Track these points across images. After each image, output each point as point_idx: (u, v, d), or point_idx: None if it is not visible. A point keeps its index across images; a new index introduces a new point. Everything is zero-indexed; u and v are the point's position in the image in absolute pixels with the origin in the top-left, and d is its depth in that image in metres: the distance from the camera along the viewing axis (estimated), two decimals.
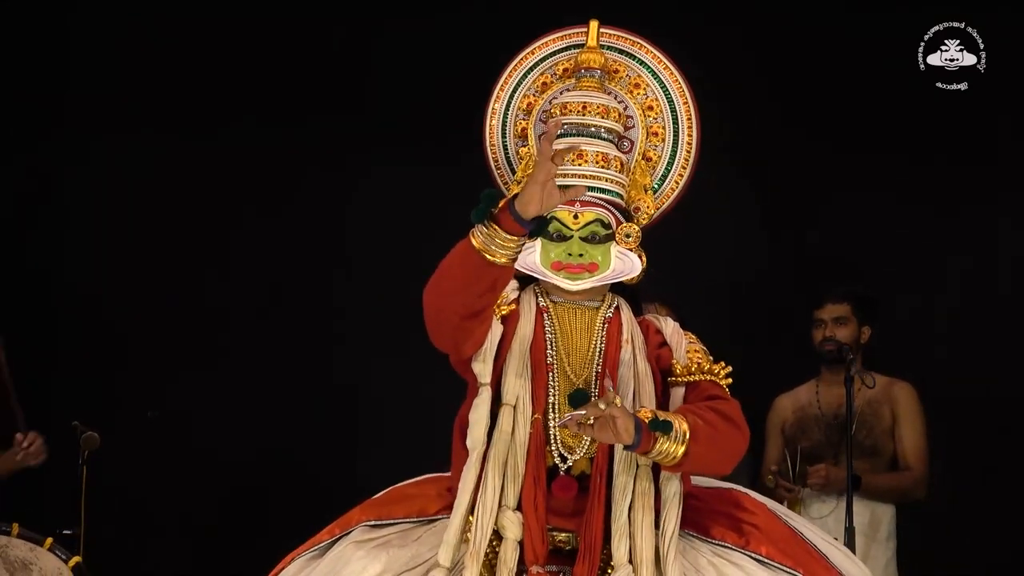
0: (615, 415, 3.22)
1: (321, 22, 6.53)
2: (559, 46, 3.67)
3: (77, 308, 6.46)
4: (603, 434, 3.24)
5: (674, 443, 3.30)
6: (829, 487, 5.69)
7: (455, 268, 3.27)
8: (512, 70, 3.67)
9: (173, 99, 6.49)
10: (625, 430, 3.22)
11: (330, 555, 3.43)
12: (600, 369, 3.48)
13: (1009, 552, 6.17)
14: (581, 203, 3.49)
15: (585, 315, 3.54)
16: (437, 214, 6.34)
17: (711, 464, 3.45)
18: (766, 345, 6.24)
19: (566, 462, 3.43)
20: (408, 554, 3.40)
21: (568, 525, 3.42)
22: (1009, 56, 6.32)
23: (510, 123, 3.66)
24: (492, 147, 3.68)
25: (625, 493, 3.38)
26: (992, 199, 6.47)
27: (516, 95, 3.66)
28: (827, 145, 6.45)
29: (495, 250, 3.23)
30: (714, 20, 6.43)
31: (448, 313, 3.32)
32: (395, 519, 3.46)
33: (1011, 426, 6.26)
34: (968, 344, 6.39)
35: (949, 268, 6.46)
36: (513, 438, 3.37)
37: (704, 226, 6.17)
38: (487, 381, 3.40)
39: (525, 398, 3.41)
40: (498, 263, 3.24)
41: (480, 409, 3.39)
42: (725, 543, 3.48)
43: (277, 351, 6.47)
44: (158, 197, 6.46)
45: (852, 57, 6.41)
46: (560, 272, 3.48)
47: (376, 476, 3.72)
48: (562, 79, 3.65)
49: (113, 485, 5.84)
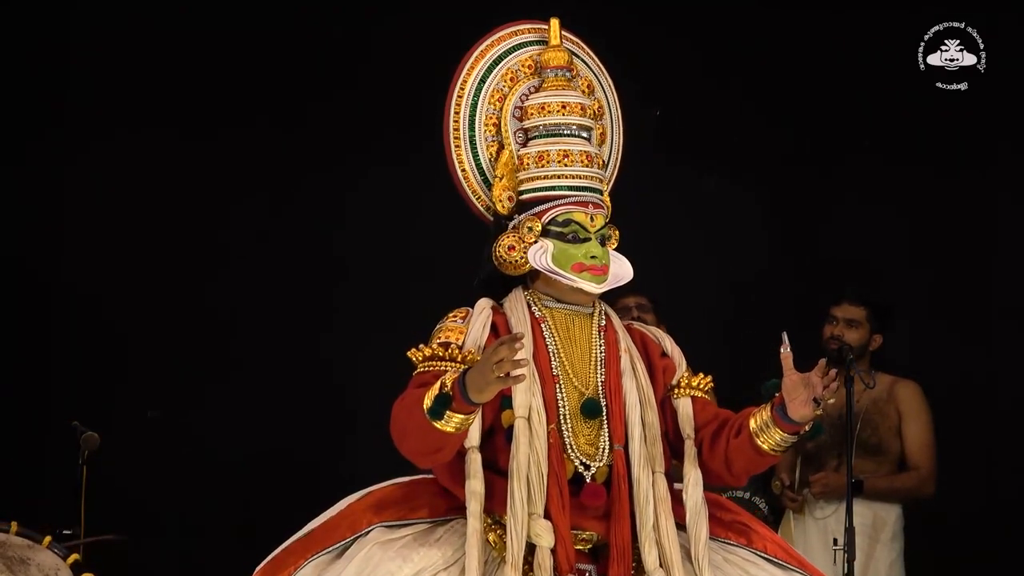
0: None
1: (321, 22, 6.52)
2: (509, 44, 3.64)
3: (77, 308, 6.45)
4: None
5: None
6: (831, 494, 5.69)
7: (409, 430, 3.29)
8: (470, 69, 3.63)
9: (173, 99, 6.48)
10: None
11: (355, 557, 3.40)
12: (604, 377, 3.48)
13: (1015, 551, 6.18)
14: (593, 205, 3.50)
15: (581, 322, 3.53)
16: (437, 214, 6.37)
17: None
18: (770, 346, 6.24)
19: (589, 469, 3.43)
20: (438, 554, 3.39)
21: (589, 525, 3.42)
22: (1009, 56, 6.32)
23: (478, 123, 3.62)
24: (457, 150, 3.63)
25: (648, 499, 3.40)
26: (992, 199, 6.46)
27: (481, 95, 3.61)
28: (827, 145, 6.45)
29: (446, 423, 3.23)
30: (715, 21, 6.43)
31: (410, 458, 3.37)
32: (410, 520, 3.45)
33: (1015, 426, 6.27)
34: (968, 344, 6.39)
35: (949, 268, 6.45)
36: (532, 449, 3.36)
37: (706, 227, 6.18)
38: (475, 444, 3.39)
39: (539, 408, 3.39)
40: (448, 431, 3.24)
41: (475, 481, 3.36)
42: (730, 541, 3.52)
43: (277, 351, 6.46)
44: (157, 197, 6.45)
45: (852, 57, 6.40)
46: (583, 274, 3.48)
47: (377, 476, 3.71)
48: (527, 78, 3.62)
49: (113, 485, 5.83)
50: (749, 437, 3.43)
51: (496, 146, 3.61)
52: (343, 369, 6.46)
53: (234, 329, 6.49)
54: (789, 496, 5.76)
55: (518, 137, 3.59)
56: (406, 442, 3.31)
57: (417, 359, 3.41)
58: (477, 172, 3.62)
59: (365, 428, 6.43)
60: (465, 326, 3.47)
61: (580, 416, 3.43)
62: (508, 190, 3.56)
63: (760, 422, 3.42)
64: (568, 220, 3.47)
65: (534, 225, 3.51)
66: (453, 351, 3.40)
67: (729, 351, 5.97)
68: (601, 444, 3.43)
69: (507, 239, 3.53)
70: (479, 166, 3.62)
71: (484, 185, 3.62)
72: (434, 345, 3.43)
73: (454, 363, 3.37)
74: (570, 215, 3.47)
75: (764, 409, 3.43)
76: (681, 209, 6.30)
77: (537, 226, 3.50)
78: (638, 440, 3.44)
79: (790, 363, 3.36)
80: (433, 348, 3.42)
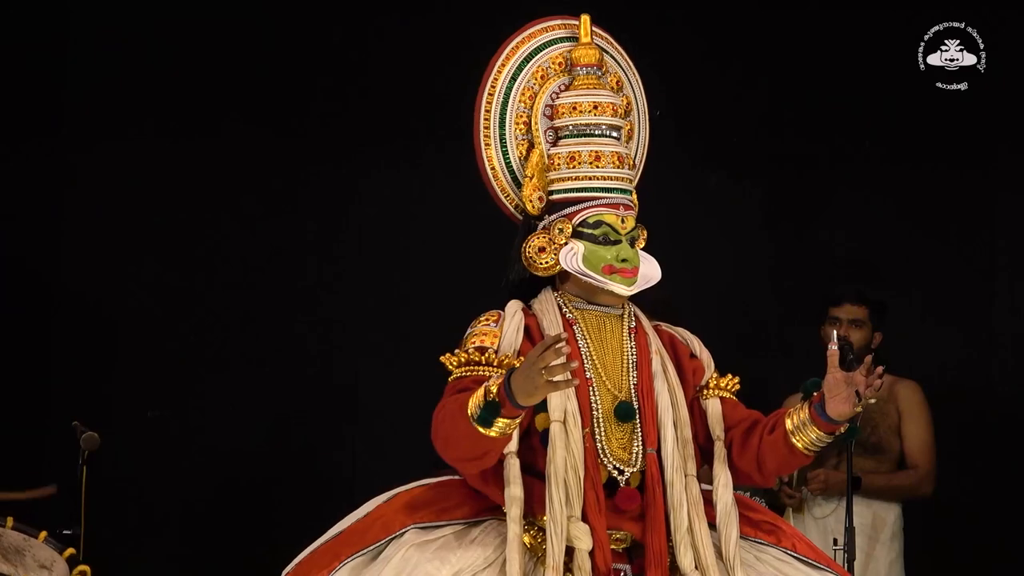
0: None
1: (321, 23, 6.52)
2: (540, 41, 3.61)
3: (77, 308, 6.45)
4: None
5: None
6: (829, 491, 5.70)
7: (453, 437, 3.26)
8: (500, 67, 3.59)
9: (173, 99, 6.47)
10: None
11: (392, 559, 3.37)
12: (636, 380, 3.47)
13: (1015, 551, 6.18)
14: (624, 207, 3.50)
15: (612, 324, 3.52)
16: (437, 215, 6.38)
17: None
18: (774, 346, 6.26)
19: (623, 474, 3.42)
20: (474, 555, 3.38)
21: (625, 526, 3.42)
22: (1009, 56, 6.32)
23: (508, 121, 3.59)
24: (487, 149, 3.60)
25: (681, 502, 3.40)
26: (992, 199, 6.46)
27: (512, 93, 3.59)
28: (827, 145, 6.45)
29: (491, 429, 3.21)
30: (715, 22, 6.42)
31: (454, 464, 3.36)
32: (445, 521, 3.44)
33: (1014, 426, 6.27)
34: (968, 344, 6.39)
35: (949, 267, 6.45)
36: (569, 452, 3.35)
37: (709, 227, 6.18)
38: (514, 449, 3.37)
39: (574, 412, 3.38)
40: (493, 436, 3.22)
41: (515, 487, 3.34)
42: (761, 540, 3.52)
43: (277, 350, 6.46)
44: (158, 197, 6.44)
45: (852, 57, 6.40)
46: (613, 276, 3.46)
47: (377, 475, 3.71)
48: (558, 75, 3.59)
49: (113, 485, 5.83)
50: (784, 435, 3.43)
51: (526, 144, 3.58)
52: (344, 369, 6.46)
53: (234, 329, 6.48)
54: (787, 493, 5.76)
55: (548, 136, 3.57)
56: (450, 449, 3.29)
57: (452, 364, 3.39)
58: (507, 171, 3.59)
59: (368, 427, 6.44)
60: (498, 329, 3.45)
61: (613, 419, 3.42)
62: (538, 190, 3.53)
63: (798, 421, 3.42)
64: (599, 222, 3.46)
65: (565, 227, 3.49)
66: (490, 356, 3.38)
67: (727, 352, 5.96)
68: (634, 448, 3.43)
69: (537, 240, 3.51)
70: (509, 165, 3.59)
71: (514, 184, 3.60)
72: (470, 350, 3.40)
73: (491, 367, 3.35)
74: (601, 216, 3.46)
75: (802, 407, 3.42)
76: (681, 209, 6.30)
77: (568, 228, 3.48)
78: (671, 443, 3.44)
79: (836, 360, 3.37)
80: (469, 353, 3.39)
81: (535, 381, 3.10)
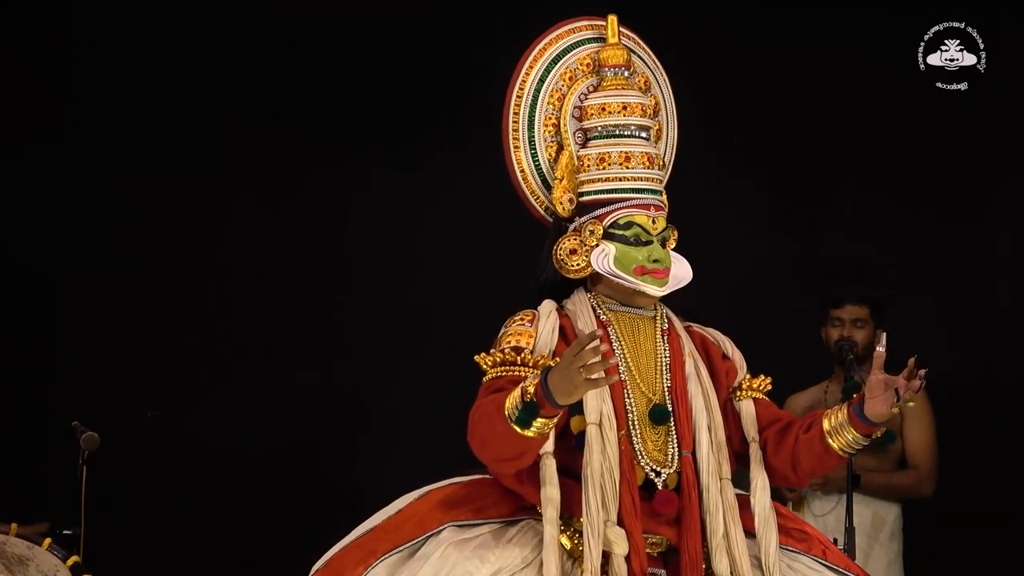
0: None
1: (321, 23, 6.52)
2: (567, 42, 3.60)
3: (77, 308, 6.45)
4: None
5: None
6: (828, 486, 5.70)
7: (490, 438, 3.25)
8: (528, 68, 3.58)
9: (173, 99, 6.48)
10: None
11: (431, 557, 3.36)
12: (670, 383, 3.47)
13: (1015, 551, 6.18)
14: (655, 207, 3.49)
15: (645, 326, 3.52)
16: (438, 217, 6.38)
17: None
18: (776, 346, 6.25)
19: (659, 476, 3.41)
20: (513, 554, 3.36)
21: (660, 530, 3.41)
22: (1009, 56, 6.32)
23: (537, 123, 3.58)
24: (516, 151, 3.58)
25: (717, 507, 3.39)
26: (992, 199, 6.47)
27: (541, 95, 3.58)
28: (826, 145, 6.45)
29: (529, 429, 3.19)
30: (717, 23, 6.42)
31: (491, 465, 3.35)
32: (482, 520, 3.42)
33: (1014, 426, 6.27)
34: (968, 342, 6.40)
35: (949, 267, 6.45)
36: (605, 455, 3.34)
37: (711, 226, 6.17)
38: (550, 450, 3.35)
39: (610, 414, 3.37)
40: (530, 436, 3.20)
41: (551, 488, 3.33)
42: (793, 548, 3.51)
43: (278, 350, 6.46)
44: (158, 197, 6.45)
45: (852, 57, 6.40)
46: (644, 276, 3.46)
47: (380, 476, 3.71)
48: (586, 76, 3.59)
49: (113, 485, 5.83)
50: (820, 435, 3.42)
51: (555, 146, 3.58)
52: (344, 368, 6.46)
53: (235, 329, 6.48)
54: (787, 488, 5.75)
55: (577, 137, 3.56)
56: (488, 450, 3.28)
57: (487, 364, 3.38)
58: (536, 174, 3.59)
59: (368, 428, 6.44)
60: (533, 329, 3.43)
61: (648, 422, 3.42)
62: (568, 192, 3.53)
63: (836, 421, 3.42)
64: (630, 223, 3.47)
65: (596, 228, 3.49)
66: (526, 356, 3.37)
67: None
68: (670, 450, 3.42)
69: (568, 242, 3.51)
70: (538, 168, 3.59)
71: (543, 186, 3.59)
72: (506, 350, 3.39)
73: (526, 367, 3.34)
74: (632, 217, 3.46)
75: (842, 408, 3.42)
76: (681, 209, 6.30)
77: (599, 229, 3.48)
78: (706, 446, 3.43)
79: (881, 362, 3.36)
80: (504, 354, 3.38)
81: (574, 380, 3.08)
